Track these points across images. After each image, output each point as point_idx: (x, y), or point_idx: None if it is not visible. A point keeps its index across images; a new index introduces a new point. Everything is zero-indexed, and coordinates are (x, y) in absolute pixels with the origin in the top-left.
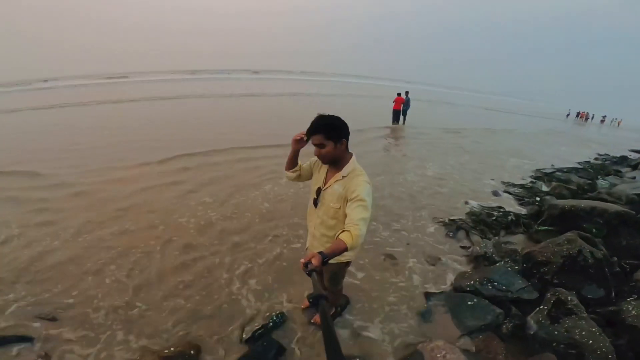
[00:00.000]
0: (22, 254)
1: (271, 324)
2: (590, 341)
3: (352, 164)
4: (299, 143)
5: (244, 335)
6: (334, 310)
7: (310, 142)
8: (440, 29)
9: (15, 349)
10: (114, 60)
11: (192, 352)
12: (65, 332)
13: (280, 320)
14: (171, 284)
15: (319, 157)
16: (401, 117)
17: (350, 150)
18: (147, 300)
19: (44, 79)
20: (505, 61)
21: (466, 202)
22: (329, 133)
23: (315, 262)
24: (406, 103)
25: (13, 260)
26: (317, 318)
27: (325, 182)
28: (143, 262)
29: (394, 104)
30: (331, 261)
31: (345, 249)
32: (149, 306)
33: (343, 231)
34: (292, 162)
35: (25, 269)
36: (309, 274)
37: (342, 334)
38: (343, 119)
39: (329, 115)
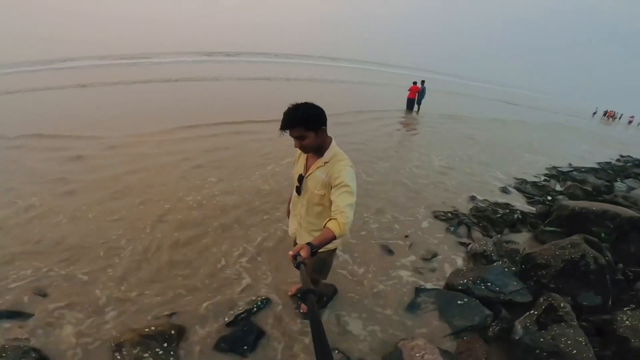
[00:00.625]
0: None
1: (255, 308)
2: (575, 351)
3: (333, 149)
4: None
5: (226, 319)
6: (318, 299)
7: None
8: (468, 23)
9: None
10: (134, 40)
11: (172, 332)
12: (55, 307)
13: (265, 305)
14: (165, 262)
15: (300, 149)
16: (415, 105)
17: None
18: (138, 278)
19: (63, 58)
20: (535, 55)
21: (472, 198)
22: (308, 124)
23: (303, 253)
24: (421, 92)
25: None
26: (305, 307)
27: (306, 169)
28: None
29: (409, 92)
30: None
31: (334, 238)
32: (140, 284)
33: (330, 219)
34: None
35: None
36: (297, 267)
37: (326, 325)
38: (316, 104)
39: (302, 104)
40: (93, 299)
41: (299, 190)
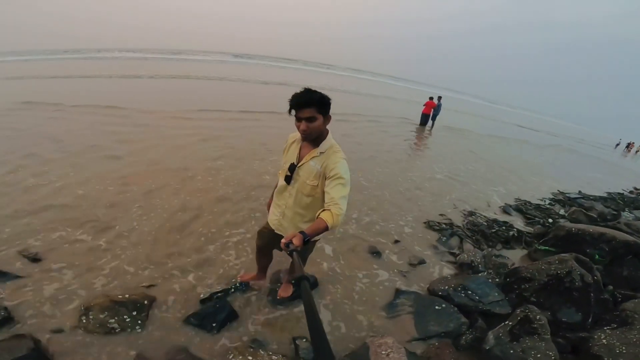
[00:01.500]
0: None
1: (232, 289)
2: None
3: (329, 141)
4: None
5: (202, 295)
6: (294, 290)
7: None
8: (502, 48)
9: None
10: (172, 37)
11: (145, 302)
12: (44, 270)
13: (243, 288)
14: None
15: (305, 132)
16: (430, 121)
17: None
18: (127, 244)
19: (97, 49)
20: (567, 83)
21: (471, 213)
22: (321, 107)
23: (296, 241)
24: (437, 108)
25: None
26: (282, 292)
27: (299, 159)
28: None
29: (424, 107)
30: None
31: (327, 229)
32: (126, 250)
33: (324, 210)
34: None
35: None
36: (290, 254)
37: (300, 314)
38: None
39: (314, 89)
40: (84, 263)
41: (288, 180)
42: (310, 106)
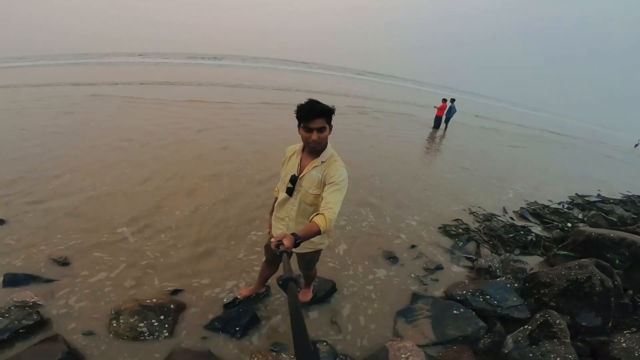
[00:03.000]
0: None
1: (254, 294)
2: None
3: (329, 150)
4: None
5: (225, 300)
6: (313, 294)
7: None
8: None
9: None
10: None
11: (171, 306)
12: (75, 275)
13: (266, 293)
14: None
15: (316, 142)
16: (443, 124)
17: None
18: (158, 249)
19: (139, 53)
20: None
21: (488, 218)
22: (329, 117)
23: (287, 243)
24: (449, 110)
25: None
26: (301, 297)
27: (300, 170)
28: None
29: (437, 109)
30: (308, 249)
31: (319, 232)
32: (157, 255)
33: (317, 214)
34: None
35: None
36: (280, 255)
37: (320, 318)
38: None
39: (317, 100)
40: (113, 264)
41: (290, 191)
42: (321, 116)
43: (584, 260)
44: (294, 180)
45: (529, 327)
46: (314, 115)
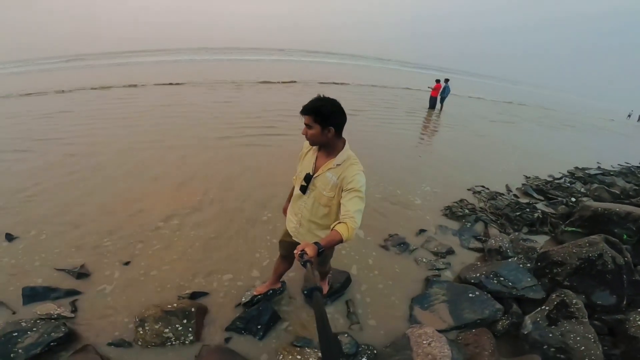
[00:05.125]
0: None
1: (270, 291)
2: (582, 347)
3: (346, 152)
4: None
5: (243, 299)
6: (329, 287)
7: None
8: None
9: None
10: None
11: (192, 309)
12: (94, 284)
13: (280, 290)
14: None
15: (306, 137)
16: (438, 104)
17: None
18: (170, 255)
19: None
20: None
21: (492, 197)
22: (317, 116)
23: (310, 252)
24: (444, 90)
25: None
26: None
27: (315, 169)
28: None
29: (432, 90)
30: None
31: (341, 241)
32: (174, 258)
33: (339, 223)
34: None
35: None
36: (304, 265)
37: (338, 310)
38: (340, 107)
39: (327, 98)
40: (134, 274)
41: (304, 189)
42: (308, 114)
43: (593, 237)
44: (308, 178)
45: (547, 308)
46: (302, 111)
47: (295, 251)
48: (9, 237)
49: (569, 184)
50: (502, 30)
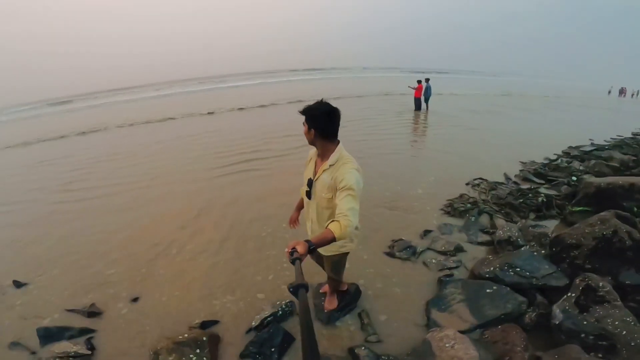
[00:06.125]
0: None
1: (280, 312)
2: (624, 332)
3: (337, 153)
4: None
5: (253, 323)
6: (339, 299)
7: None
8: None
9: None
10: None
11: (204, 338)
12: (105, 320)
13: (289, 309)
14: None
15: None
16: (423, 104)
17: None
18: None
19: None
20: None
21: (492, 187)
22: (307, 118)
23: (301, 249)
24: (426, 91)
25: None
26: (327, 305)
27: (315, 173)
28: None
29: (415, 91)
30: (332, 251)
31: (333, 239)
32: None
33: (332, 221)
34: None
35: None
36: (293, 262)
37: (351, 323)
38: (325, 113)
39: (319, 103)
40: (144, 308)
41: (309, 195)
42: (303, 114)
43: (603, 214)
44: (310, 183)
45: (573, 295)
46: (300, 111)
47: (286, 249)
48: (17, 284)
49: (566, 164)
50: (468, 27)
